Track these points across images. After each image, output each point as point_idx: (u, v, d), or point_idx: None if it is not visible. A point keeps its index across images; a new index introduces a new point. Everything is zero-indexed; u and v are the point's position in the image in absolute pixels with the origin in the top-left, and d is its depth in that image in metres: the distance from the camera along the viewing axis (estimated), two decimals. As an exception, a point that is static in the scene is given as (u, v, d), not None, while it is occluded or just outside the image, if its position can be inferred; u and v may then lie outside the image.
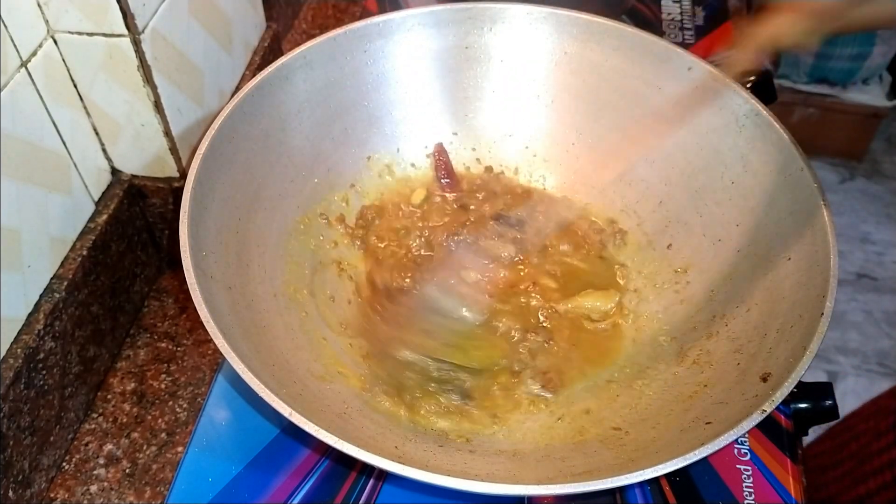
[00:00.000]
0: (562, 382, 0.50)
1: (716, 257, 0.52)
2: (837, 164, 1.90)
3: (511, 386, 0.50)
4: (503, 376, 0.50)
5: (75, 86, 0.49)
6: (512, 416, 0.48)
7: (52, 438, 0.48)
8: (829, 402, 0.51)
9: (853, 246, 1.71)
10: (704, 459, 0.38)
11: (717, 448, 0.37)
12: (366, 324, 0.53)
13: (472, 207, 0.59)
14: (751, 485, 0.46)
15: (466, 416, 0.48)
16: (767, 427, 0.49)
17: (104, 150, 0.53)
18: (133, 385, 0.54)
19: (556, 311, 0.54)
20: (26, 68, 0.44)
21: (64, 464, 0.50)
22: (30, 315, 0.46)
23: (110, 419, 0.52)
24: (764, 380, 0.41)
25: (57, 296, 0.47)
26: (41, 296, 0.47)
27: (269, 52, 0.67)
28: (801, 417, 0.50)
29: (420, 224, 0.58)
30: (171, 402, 0.53)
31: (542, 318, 0.53)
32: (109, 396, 0.53)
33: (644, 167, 0.58)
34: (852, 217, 1.78)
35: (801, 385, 0.39)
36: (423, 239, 0.57)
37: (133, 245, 0.56)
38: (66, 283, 0.48)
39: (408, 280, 0.54)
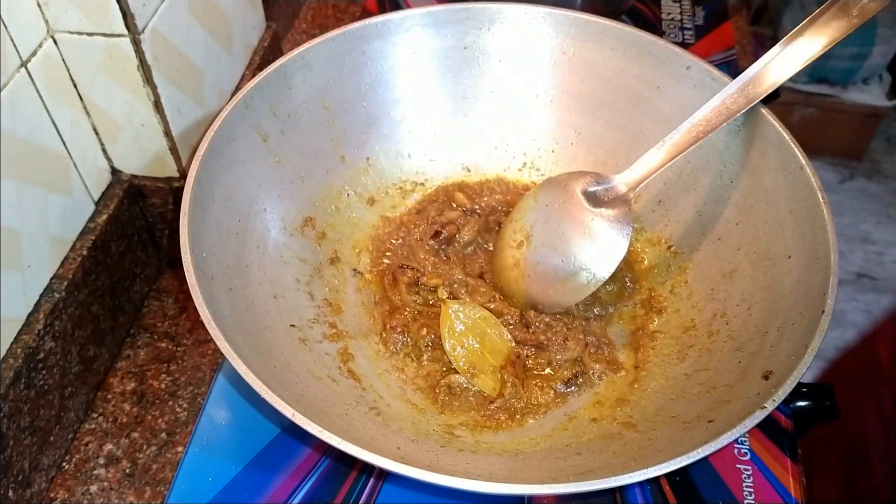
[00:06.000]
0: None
1: (715, 256, 0.52)
2: (837, 163, 1.90)
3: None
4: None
5: (75, 86, 0.49)
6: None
7: (52, 438, 0.48)
8: (829, 402, 0.51)
9: (853, 246, 1.71)
10: (705, 459, 0.38)
11: (719, 446, 0.37)
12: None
13: (476, 210, 0.59)
14: (751, 485, 0.46)
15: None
16: (767, 427, 0.49)
17: (104, 150, 0.53)
18: (133, 385, 0.54)
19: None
20: (26, 68, 0.44)
21: (64, 464, 0.50)
22: (30, 315, 0.46)
23: (110, 419, 0.52)
24: (766, 378, 0.41)
25: (57, 296, 0.47)
26: (41, 296, 0.47)
27: (269, 52, 0.67)
28: (801, 417, 0.50)
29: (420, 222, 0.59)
30: (171, 402, 0.53)
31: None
32: (109, 396, 0.53)
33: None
34: (852, 217, 1.78)
35: (801, 385, 0.39)
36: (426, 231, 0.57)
37: (133, 245, 0.56)
38: (66, 283, 0.48)
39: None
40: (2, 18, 0.41)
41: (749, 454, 0.48)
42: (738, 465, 0.47)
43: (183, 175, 0.55)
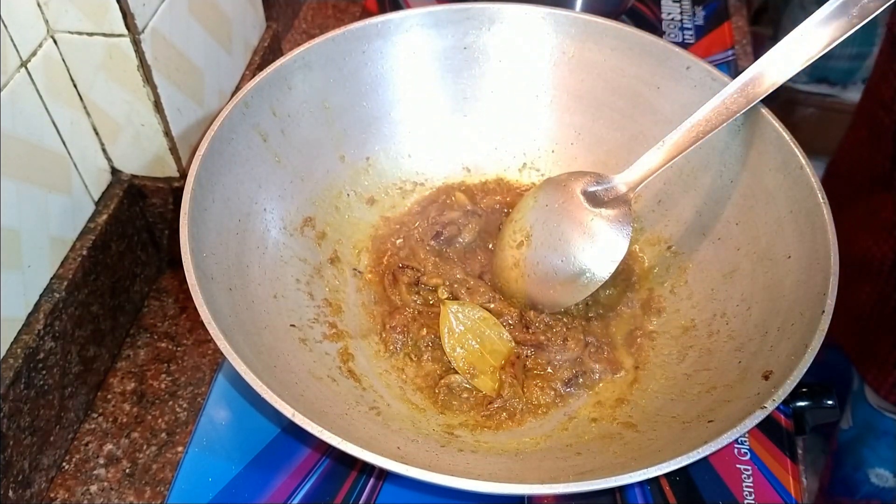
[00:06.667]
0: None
1: (716, 256, 0.52)
2: (837, 163, 1.89)
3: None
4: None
5: (75, 86, 0.49)
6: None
7: (52, 438, 0.48)
8: (829, 402, 0.51)
9: (852, 246, 1.70)
10: (704, 459, 0.38)
11: (719, 446, 0.37)
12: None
13: (477, 210, 0.59)
14: (751, 485, 0.46)
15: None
16: (767, 427, 0.49)
17: (104, 150, 0.53)
18: (133, 385, 0.54)
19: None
20: (26, 68, 0.44)
21: (64, 464, 0.50)
22: (30, 315, 0.46)
23: (110, 419, 0.52)
24: (766, 378, 0.41)
25: (57, 296, 0.47)
26: (41, 296, 0.47)
27: (269, 52, 0.67)
28: (800, 417, 0.50)
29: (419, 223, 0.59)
30: (171, 402, 0.53)
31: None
32: (109, 396, 0.53)
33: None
34: (852, 217, 1.77)
35: (801, 385, 0.39)
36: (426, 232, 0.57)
37: (133, 245, 0.56)
38: (66, 283, 0.48)
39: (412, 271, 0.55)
40: (2, 18, 0.41)
41: (749, 454, 0.48)
42: (738, 465, 0.47)
43: (183, 175, 0.55)
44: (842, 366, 0.88)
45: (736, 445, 0.48)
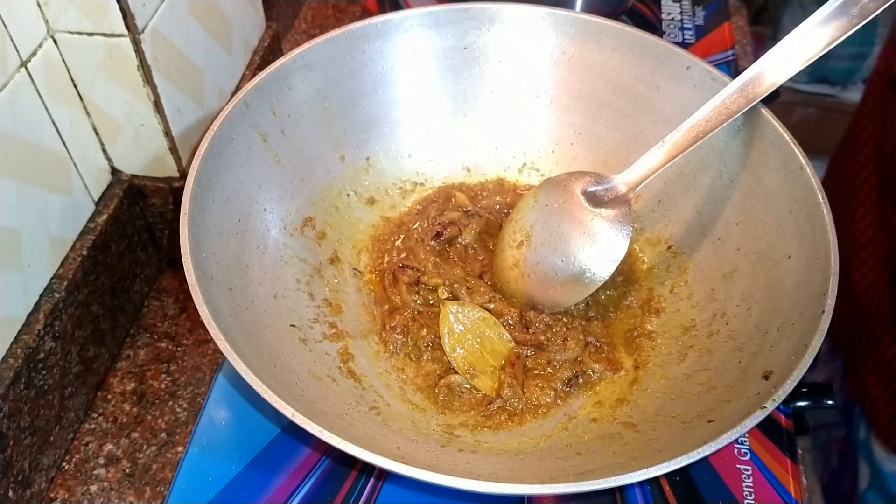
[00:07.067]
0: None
1: (716, 256, 0.53)
2: (837, 164, 1.89)
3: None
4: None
5: (75, 86, 0.49)
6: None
7: (52, 438, 0.48)
8: (829, 402, 0.51)
9: (852, 246, 1.70)
10: (704, 459, 0.38)
11: (719, 446, 0.37)
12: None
13: (477, 210, 0.59)
14: (751, 485, 0.46)
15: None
16: (767, 427, 0.49)
17: (104, 150, 0.53)
18: (133, 385, 0.54)
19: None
20: (26, 68, 0.44)
21: (64, 464, 0.50)
22: (30, 315, 0.46)
23: (110, 419, 0.52)
24: (766, 378, 0.41)
25: (57, 296, 0.47)
26: (41, 296, 0.47)
27: (269, 52, 0.67)
28: (800, 417, 0.50)
29: (420, 223, 0.59)
30: (171, 402, 0.53)
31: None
32: (109, 396, 0.53)
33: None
34: (851, 217, 1.77)
35: (801, 385, 0.39)
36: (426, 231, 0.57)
37: (133, 245, 0.56)
38: (66, 283, 0.48)
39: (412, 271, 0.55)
40: (2, 18, 0.41)
41: (749, 454, 0.48)
42: (738, 465, 0.47)
43: (183, 175, 0.55)
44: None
45: (736, 445, 0.48)
